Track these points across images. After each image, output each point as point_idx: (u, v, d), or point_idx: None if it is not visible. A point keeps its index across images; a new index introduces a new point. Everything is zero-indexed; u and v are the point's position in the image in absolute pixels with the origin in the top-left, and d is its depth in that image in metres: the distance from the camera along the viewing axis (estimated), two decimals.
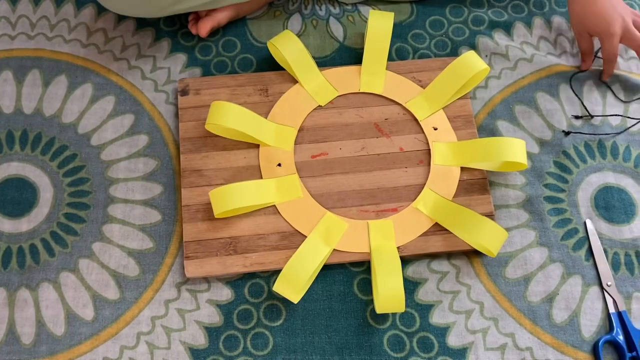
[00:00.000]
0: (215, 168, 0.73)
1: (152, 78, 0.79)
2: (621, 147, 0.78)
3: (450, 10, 0.85)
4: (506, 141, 0.72)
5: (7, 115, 0.76)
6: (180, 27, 0.82)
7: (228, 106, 0.71)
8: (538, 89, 0.80)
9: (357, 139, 0.75)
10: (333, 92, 0.78)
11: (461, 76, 0.76)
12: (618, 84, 0.81)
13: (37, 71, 0.78)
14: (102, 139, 0.75)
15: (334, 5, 0.85)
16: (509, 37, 0.84)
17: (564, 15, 0.85)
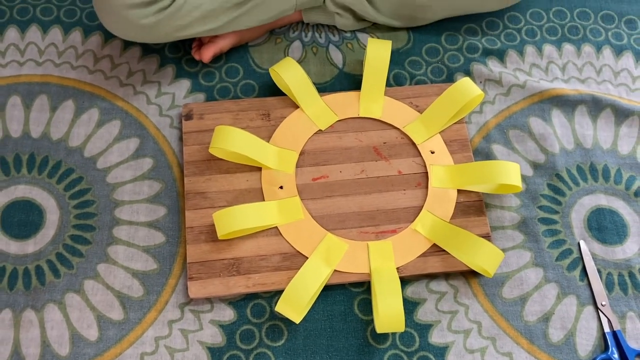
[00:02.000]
0: (218, 190, 0.72)
1: (157, 103, 0.79)
2: (612, 170, 0.78)
3: (446, 38, 0.86)
4: (501, 164, 0.72)
5: (15, 139, 0.75)
6: (185, 53, 0.82)
7: (231, 130, 0.71)
8: (531, 114, 0.81)
9: (357, 162, 0.75)
10: (333, 116, 0.78)
11: (457, 101, 0.76)
12: (609, 108, 0.81)
13: (45, 96, 0.78)
14: (107, 162, 0.75)
15: (333, 33, 0.86)
16: (502, 64, 0.84)
17: (554, 44, 0.86)
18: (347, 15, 0.83)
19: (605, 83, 0.84)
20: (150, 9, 0.69)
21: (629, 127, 0.81)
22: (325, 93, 0.79)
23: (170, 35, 0.73)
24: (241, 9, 0.75)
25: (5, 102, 0.77)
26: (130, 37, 0.73)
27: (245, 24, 0.77)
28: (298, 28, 0.86)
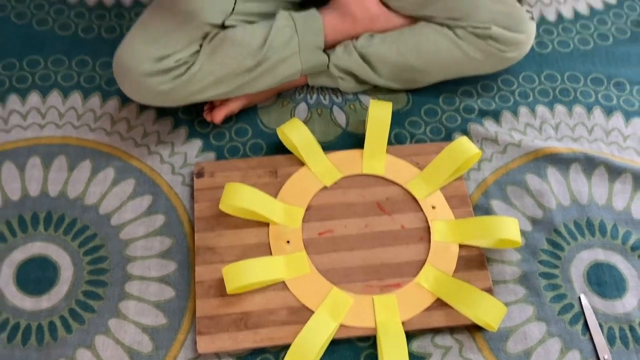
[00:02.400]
0: (227, 246, 0.74)
1: (170, 162, 0.82)
2: (608, 226, 0.80)
3: (443, 100, 0.90)
4: (500, 220, 0.74)
5: (33, 198, 0.78)
6: (197, 115, 0.86)
7: (241, 187, 0.74)
8: (527, 171, 0.83)
9: (361, 217, 0.77)
10: (337, 173, 0.80)
11: (455, 159, 0.79)
12: (602, 166, 0.84)
13: (64, 157, 0.81)
14: (121, 219, 0.77)
15: (336, 95, 0.90)
16: (497, 124, 0.88)
17: (546, 105, 0.90)
18: (350, 79, 0.88)
19: (597, 142, 0.87)
20: (166, 77, 0.73)
21: (622, 183, 0.83)
22: (330, 151, 0.82)
23: (184, 99, 0.77)
24: (251, 75, 0.79)
25: (25, 162, 0.80)
26: (147, 101, 0.77)
27: (254, 88, 0.81)
28: (303, 91, 0.90)
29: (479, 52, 0.83)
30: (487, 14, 0.81)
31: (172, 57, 0.73)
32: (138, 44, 0.73)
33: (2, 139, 0.82)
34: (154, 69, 0.72)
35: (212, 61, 0.75)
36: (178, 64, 0.73)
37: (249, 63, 0.78)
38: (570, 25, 0.98)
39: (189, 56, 0.74)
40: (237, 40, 0.78)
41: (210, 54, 0.76)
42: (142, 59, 0.72)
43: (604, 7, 1.01)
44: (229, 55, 0.77)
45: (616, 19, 1.00)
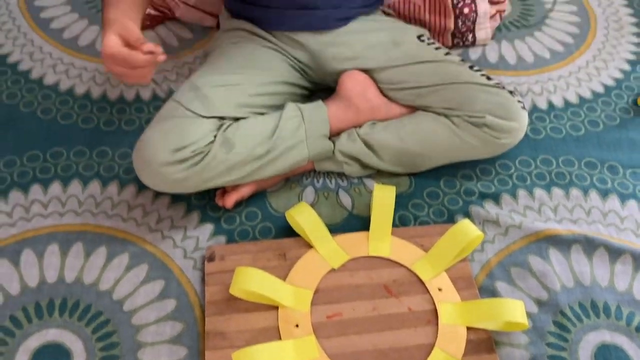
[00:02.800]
0: (237, 330, 0.74)
1: (182, 246, 0.84)
2: (612, 307, 0.80)
3: (444, 183, 0.93)
4: (506, 302, 0.75)
5: (50, 284, 0.79)
6: (209, 200, 0.89)
7: (251, 271, 0.75)
8: (529, 253, 0.85)
9: (369, 300, 0.78)
10: (345, 255, 0.82)
11: (459, 241, 0.81)
12: (602, 247, 0.85)
13: (81, 244, 0.83)
14: (134, 304, 0.78)
15: (342, 179, 0.93)
16: (498, 206, 0.90)
17: (543, 188, 0.93)
18: (354, 164, 0.91)
19: (595, 223, 0.89)
20: (182, 166, 0.77)
21: (623, 264, 0.84)
22: (337, 234, 0.85)
23: (198, 186, 0.81)
24: (261, 162, 0.83)
25: (44, 249, 0.82)
26: (163, 189, 0.80)
27: (264, 174, 0.85)
28: (310, 175, 0.93)
29: (476, 138, 0.87)
30: (481, 104, 0.86)
31: (188, 147, 0.77)
32: (157, 136, 0.77)
33: (23, 227, 0.85)
34: (171, 159, 0.76)
35: (225, 150, 0.80)
36: (194, 154, 0.77)
37: (260, 151, 0.82)
38: (561, 113, 1.04)
39: (204, 146, 0.79)
40: (249, 130, 0.82)
41: (223, 143, 0.80)
42: (161, 150, 0.76)
43: (592, 96, 1.06)
44: (240, 144, 0.81)
45: (605, 106, 1.05)
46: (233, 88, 0.85)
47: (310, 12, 0.92)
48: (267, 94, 0.89)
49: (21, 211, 0.86)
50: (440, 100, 0.88)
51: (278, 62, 0.93)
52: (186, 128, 0.78)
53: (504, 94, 0.87)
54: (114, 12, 0.74)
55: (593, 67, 1.11)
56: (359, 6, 0.95)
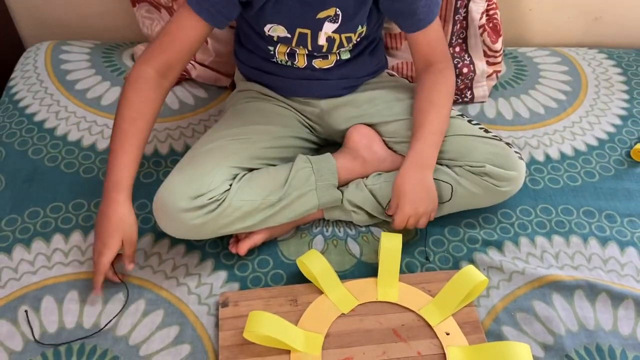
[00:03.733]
0: None
1: (196, 293, 0.86)
2: (617, 351, 0.81)
3: (449, 231, 0.96)
4: (512, 345, 0.76)
5: (68, 330, 0.81)
6: (223, 248, 0.92)
7: (264, 315, 0.77)
8: (533, 298, 0.87)
9: (378, 344, 0.79)
10: (354, 301, 0.84)
11: (464, 287, 0.83)
12: (604, 293, 0.87)
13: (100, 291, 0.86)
14: (149, 349, 0.80)
15: (350, 228, 0.97)
16: (501, 253, 0.93)
17: (544, 235, 0.96)
18: (362, 213, 0.95)
19: (596, 270, 0.91)
20: (200, 212, 0.81)
21: (626, 309, 0.86)
22: (346, 280, 0.87)
23: (214, 232, 0.84)
24: (273, 209, 0.87)
25: (64, 297, 0.85)
26: (180, 235, 0.84)
27: (276, 221, 0.88)
28: (320, 224, 0.97)
29: (477, 187, 0.91)
30: (480, 154, 0.91)
31: (206, 195, 0.81)
32: (177, 184, 0.82)
33: (45, 275, 0.87)
34: (189, 205, 0.80)
35: (240, 198, 0.84)
36: (211, 201, 0.82)
37: (272, 199, 0.86)
38: (558, 165, 1.08)
39: (221, 194, 0.83)
40: (262, 180, 0.87)
41: (238, 192, 0.84)
42: (180, 197, 0.80)
43: (587, 148, 1.11)
44: (254, 193, 0.85)
45: (599, 158, 1.10)
46: (247, 141, 0.90)
47: (322, 82, 0.98)
48: (279, 147, 0.94)
49: (43, 259, 0.89)
50: (442, 152, 0.93)
51: (289, 119, 0.99)
52: (204, 177, 0.82)
53: (501, 145, 0.92)
54: (120, 168, 0.82)
55: (586, 122, 1.17)
56: (366, 75, 1.02)
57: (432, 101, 0.93)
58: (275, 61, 0.97)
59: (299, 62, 0.94)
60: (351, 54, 0.97)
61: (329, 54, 0.95)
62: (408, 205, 0.88)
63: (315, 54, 0.94)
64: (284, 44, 0.93)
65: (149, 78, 0.85)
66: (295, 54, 0.94)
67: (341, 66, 0.97)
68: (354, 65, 0.99)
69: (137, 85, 0.85)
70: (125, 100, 0.84)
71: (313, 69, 0.96)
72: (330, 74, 0.98)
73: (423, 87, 0.95)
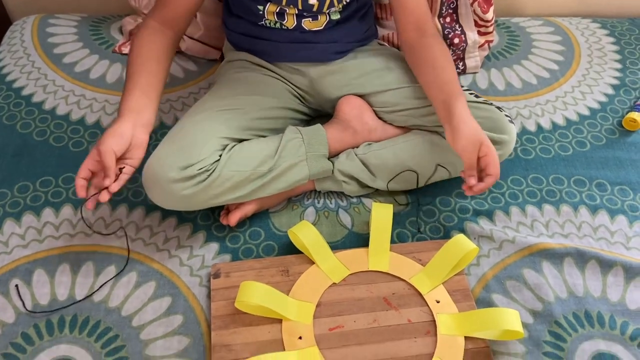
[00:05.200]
0: (242, 342, 0.76)
1: (188, 265, 0.87)
2: (606, 317, 0.82)
3: (440, 201, 0.96)
4: (502, 311, 0.77)
5: (60, 302, 0.82)
6: (214, 221, 0.92)
7: (255, 285, 0.78)
8: (523, 266, 0.87)
9: (369, 312, 0.80)
10: (345, 270, 0.85)
11: (454, 255, 0.83)
12: (593, 260, 0.88)
13: (91, 263, 0.86)
14: (142, 320, 0.80)
15: (342, 199, 0.97)
16: (492, 223, 0.93)
17: (535, 205, 0.96)
18: (353, 183, 0.95)
19: (586, 237, 0.92)
20: (189, 183, 0.81)
21: (615, 276, 0.86)
22: (337, 250, 0.87)
23: (204, 203, 0.84)
24: (264, 180, 0.86)
25: (55, 269, 0.85)
26: (171, 206, 0.84)
27: (267, 192, 0.88)
28: (311, 196, 0.97)
29: None
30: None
31: (195, 165, 0.80)
32: (166, 154, 0.81)
33: (36, 249, 0.87)
34: (179, 176, 0.80)
35: (229, 168, 0.83)
36: (201, 171, 0.81)
37: (262, 169, 0.86)
38: (549, 135, 1.08)
39: (210, 164, 0.82)
40: (252, 151, 0.86)
41: (228, 162, 0.84)
42: (170, 168, 0.79)
43: (578, 118, 1.11)
44: (244, 163, 0.85)
45: (591, 128, 1.09)
46: (237, 112, 0.90)
47: (311, 45, 0.97)
48: (268, 118, 0.93)
49: (34, 233, 0.89)
50: (430, 120, 0.93)
51: (279, 89, 0.98)
52: (194, 147, 0.82)
53: (492, 109, 0.91)
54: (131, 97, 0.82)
55: (578, 91, 1.16)
56: (355, 41, 1.01)
57: (450, 59, 0.92)
58: (264, 24, 0.95)
59: (288, 23, 0.92)
60: (341, 15, 0.95)
61: (319, 14, 0.93)
62: (492, 148, 0.81)
63: (304, 14, 0.93)
64: (273, 3, 0.91)
65: (150, 26, 0.89)
66: (284, 14, 0.92)
67: (331, 29, 0.96)
68: (343, 30, 0.97)
69: (140, 34, 0.88)
70: (131, 51, 0.87)
71: (302, 30, 0.94)
72: (320, 36, 0.96)
73: (434, 49, 0.92)
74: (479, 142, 0.81)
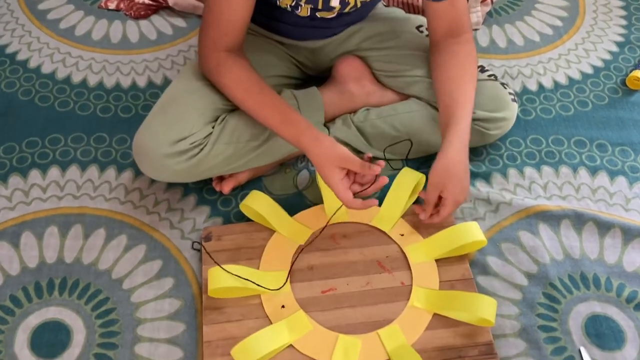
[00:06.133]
0: (234, 305, 0.76)
1: (179, 228, 0.85)
2: (602, 279, 0.81)
3: None
4: (463, 226, 0.80)
5: (49, 264, 0.81)
6: (205, 184, 0.90)
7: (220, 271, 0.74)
8: (519, 228, 0.86)
9: (362, 275, 0.79)
10: (307, 230, 0.83)
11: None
12: (591, 222, 0.87)
13: (80, 225, 0.85)
14: (132, 282, 0.79)
15: None
16: (489, 185, 0.92)
17: (534, 166, 0.94)
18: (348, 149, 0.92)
19: (584, 199, 0.90)
20: (182, 158, 0.78)
21: (612, 238, 0.86)
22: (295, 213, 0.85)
23: (197, 176, 0.82)
24: (257, 152, 0.84)
25: (44, 232, 0.84)
26: (163, 179, 0.81)
27: (261, 162, 0.86)
28: (304, 159, 0.94)
29: None
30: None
31: (187, 139, 0.78)
32: (157, 127, 0.78)
33: (23, 211, 0.86)
34: (171, 150, 0.77)
35: (222, 142, 0.80)
36: (193, 146, 0.78)
37: (255, 143, 0.83)
38: (551, 94, 1.05)
39: (203, 138, 0.79)
40: (245, 122, 0.82)
41: (220, 135, 0.81)
42: (161, 142, 0.77)
43: (581, 77, 1.08)
44: (236, 136, 0.82)
45: (594, 87, 1.06)
46: None
47: (320, 30, 0.92)
48: None
49: (21, 195, 0.87)
50: (428, 92, 0.89)
51: (277, 57, 0.93)
52: (185, 119, 0.78)
53: (495, 86, 0.88)
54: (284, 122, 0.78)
55: (582, 49, 1.12)
56: (365, 16, 0.95)
57: (471, 74, 0.85)
58: (276, 3, 0.87)
59: (302, 12, 0.86)
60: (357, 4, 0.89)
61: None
62: (460, 190, 0.78)
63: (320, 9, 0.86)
64: None
65: (226, 58, 0.81)
66: (299, 7, 0.85)
67: (344, 15, 0.90)
68: (356, 14, 0.92)
69: (222, 70, 0.80)
70: (226, 86, 0.81)
71: (315, 18, 0.88)
72: (331, 22, 0.90)
73: (458, 58, 0.85)
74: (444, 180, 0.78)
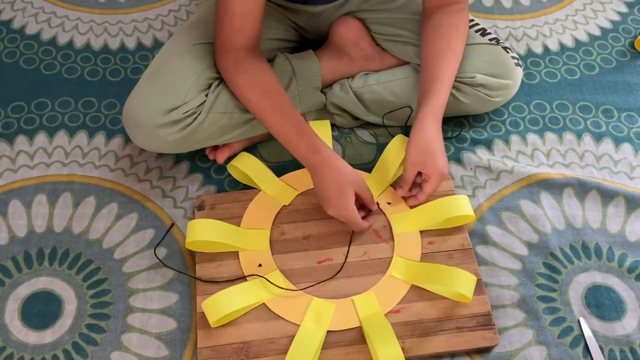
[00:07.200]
0: (227, 275, 0.75)
1: (171, 196, 0.83)
2: (604, 248, 0.80)
3: None
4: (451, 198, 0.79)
5: (39, 234, 0.79)
6: (198, 151, 0.87)
7: (201, 223, 0.74)
8: (521, 197, 0.84)
9: (359, 245, 0.78)
10: (293, 191, 0.82)
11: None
12: (594, 190, 0.85)
13: (69, 194, 0.83)
14: (124, 252, 0.78)
15: (333, 129, 0.91)
16: (490, 152, 0.89)
17: (537, 133, 0.92)
18: (346, 115, 0.89)
19: (588, 167, 0.88)
20: (175, 128, 0.75)
21: (616, 207, 0.84)
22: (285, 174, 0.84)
23: (191, 146, 0.80)
24: (253, 122, 0.81)
25: (32, 200, 0.82)
26: (156, 150, 0.79)
27: (256, 132, 0.83)
28: None
29: (467, 96, 0.84)
30: (471, 65, 0.83)
31: (180, 108, 0.75)
32: (149, 95, 0.75)
33: (10, 179, 0.84)
34: (164, 120, 0.74)
35: (216, 111, 0.78)
36: (186, 115, 0.75)
37: (249, 115, 0.80)
38: (556, 57, 1.01)
39: (196, 107, 0.76)
40: None
41: (214, 104, 0.78)
42: (154, 112, 0.74)
43: (588, 39, 1.04)
44: (231, 105, 0.79)
45: (601, 50, 1.03)
46: None
47: None
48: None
49: (7, 162, 0.85)
50: None
51: (274, 19, 0.89)
52: (178, 87, 0.75)
53: (498, 50, 0.84)
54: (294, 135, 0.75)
55: (590, 9, 1.08)
56: None
57: (452, 48, 0.81)
58: None
59: None
60: None
61: None
62: (442, 164, 0.77)
63: None
64: None
65: (243, 58, 0.77)
66: None
67: None
68: None
69: (239, 69, 0.77)
70: (240, 88, 0.77)
71: None
72: None
73: (440, 30, 0.82)
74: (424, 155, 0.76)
